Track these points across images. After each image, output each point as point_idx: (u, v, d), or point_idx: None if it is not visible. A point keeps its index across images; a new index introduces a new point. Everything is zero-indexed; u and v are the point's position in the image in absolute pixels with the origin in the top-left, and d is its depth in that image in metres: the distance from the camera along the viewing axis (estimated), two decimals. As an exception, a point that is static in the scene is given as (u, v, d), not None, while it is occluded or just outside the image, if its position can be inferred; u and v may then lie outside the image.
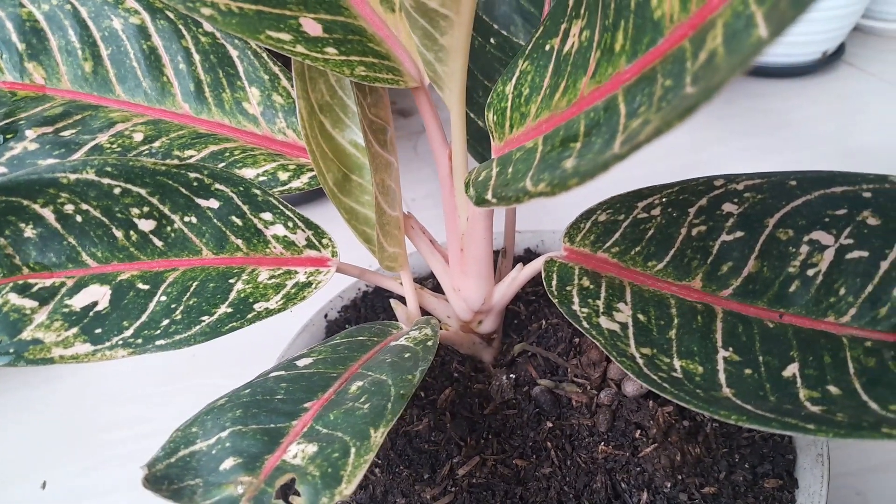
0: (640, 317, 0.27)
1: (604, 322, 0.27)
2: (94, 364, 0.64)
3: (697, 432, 0.37)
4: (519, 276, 0.37)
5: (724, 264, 0.27)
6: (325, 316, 0.47)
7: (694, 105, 0.13)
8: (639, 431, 0.36)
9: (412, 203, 0.80)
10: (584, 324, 0.27)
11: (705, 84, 0.14)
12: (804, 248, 0.25)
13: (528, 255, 0.51)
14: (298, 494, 0.22)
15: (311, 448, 0.24)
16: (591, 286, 0.29)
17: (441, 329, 0.41)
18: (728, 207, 0.27)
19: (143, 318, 0.30)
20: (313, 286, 0.33)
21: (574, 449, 0.36)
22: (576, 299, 0.29)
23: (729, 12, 0.16)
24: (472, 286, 0.38)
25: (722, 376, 0.24)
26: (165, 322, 0.30)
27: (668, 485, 0.35)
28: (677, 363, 0.25)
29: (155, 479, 0.23)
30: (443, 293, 0.41)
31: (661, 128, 0.14)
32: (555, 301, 0.29)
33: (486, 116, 0.29)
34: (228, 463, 0.24)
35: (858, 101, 0.95)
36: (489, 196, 0.24)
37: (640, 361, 0.25)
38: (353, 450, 0.23)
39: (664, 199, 0.29)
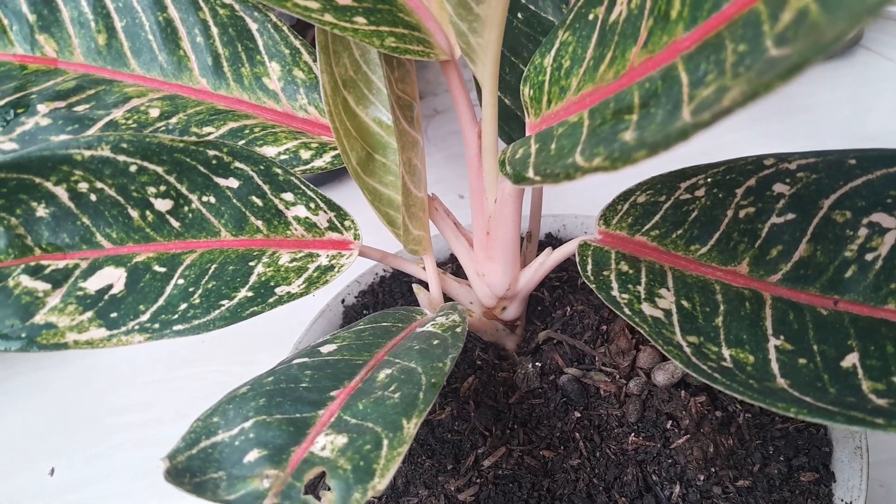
0: (685, 303, 0.26)
1: (646, 309, 0.26)
2: (102, 349, 0.63)
3: (730, 423, 0.36)
4: (547, 260, 0.36)
5: (773, 248, 0.26)
6: (343, 301, 0.46)
7: (801, 63, 0.11)
8: (670, 422, 0.35)
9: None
10: (626, 310, 0.25)
11: (805, 42, 0.12)
12: (863, 231, 0.24)
13: (550, 240, 0.50)
14: (329, 489, 0.21)
15: (341, 440, 0.23)
16: (631, 271, 0.28)
17: (464, 315, 0.40)
18: (779, 188, 0.26)
19: (161, 301, 0.28)
20: (336, 270, 0.32)
21: (603, 440, 0.35)
22: (615, 284, 0.27)
23: (816, -32, 0.15)
24: (497, 271, 0.36)
25: (775, 366, 0.23)
26: (183, 306, 0.29)
27: (701, 477, 0.33)
28: (726, 352, 0.24)
29: (176, 472, 0.22)
30: (465, 278, 0.39)
31: (757, 90, 0.12)
32: (592, 287, 0.28)
33: (522, 91, 0.28)
34: (253, 455, 0.23)
35: (877, 86, 0.93)
36: (530, 173, 0.22)
37: (688, 350, 0.24)
38: (385, 441, 0.22)
39: (709, 180, 0.28)
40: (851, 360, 0.22)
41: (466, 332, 0.31)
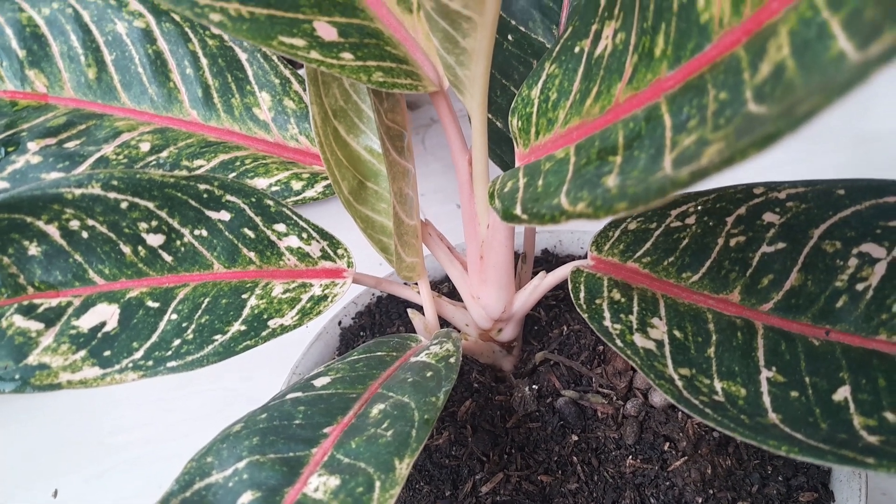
0: (677, 333, 0.26)
1: (638, 340, 0.26)
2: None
3: (728, 443, 0.36)
4: (541, 284, 0.36)
5: (764, 277, 0.26)
6: (339, 323, 0.46)
7: (774, 134, 0.11)
8: (668, 444, 0.35)
9: (422, 198, 0.78)
10: (618, 342, 0.25)
11: (781, 106, 0.12)
12: (853, 261, 0.24)
13: (546, 256, 0.49)
14: (322, 532, 0.21)
15: (334, 481, 0.23)
16: (623, 299, 0.28)
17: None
18: (769, 217, 0.26)
19: (154, 338, 0.29)
20: (329, 299, 0.32)
21: (601, 463, 0.35)
22: (607, 314, 0.27)
23: (794, 18, 0.15)
24: (491, 294, 0.36)
25: (767, 399, 0.23)
26: (177, 342, 0.29)
27: (700, 500, 0.33)
28: (718, 385, 0.24)
29: (170, 517, 0.22)
30: (460, 299, 0.39)
31: (731, 156, 0.12)
32: (585, 317, 0.28)
33: (510, 122, 0.28)
34: (247, 497, 0.23)
35: (874, 87, 0.92)
36: (518, 211, 0.22)
37: (680, 384, 0.24)
38: (377, 483, 0.22)
39: (699, 207, 0.28)
40: (843, 393, 0.22)
41: (461, 361, 0.31)
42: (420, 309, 0.38)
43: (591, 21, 0.24)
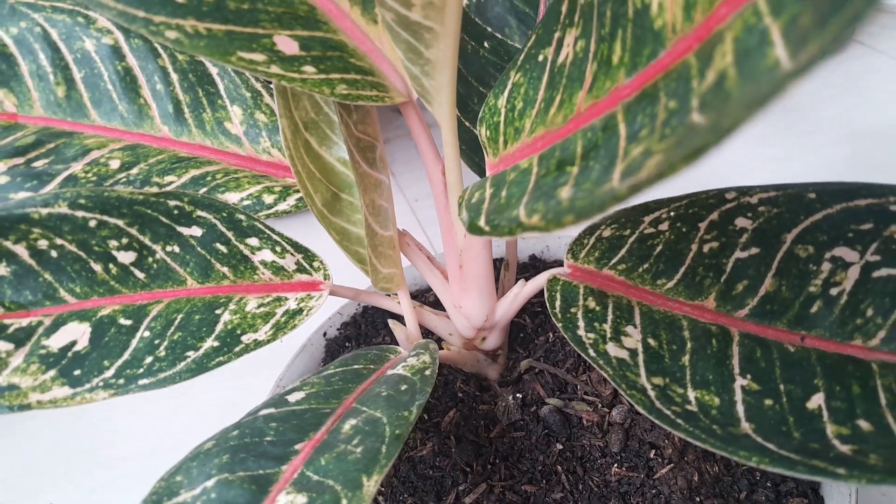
0: (651, 341, 0.25)
1: (611, 349, 0.25)
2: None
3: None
4: (521, 292, 0.35)
5: (738, 283, 0.25)
6: (325, 334, 0.46)
7: (702, 147, 0.11)
8: (653, 451, 0.35)
9: (415, 203, 0.78)
10: (591, 352, 0.25)
11: (715, 116, 0.12)
12: (826, 266, 0.23)
13: (533, 262, 0.49)
14: (287, 554, 0.21)
15: (301, 499, 0.22)
16: (598, 308, 0.27)
17: (443, 348, 0.39)
18: (741, 222, 0.25)
19: (126, 356, 0.28)
20: (304, 313, 0.32)
21: (586, 472, 0.35)
22: (581, 323, 0.27)
23: (739, 24, 0.14)
24: (473, 303, 0.36)
25: (740, 408, 0.22)
26: (149, 360, 0.28)
27: (686, 508, 0.33)
28: (692, 394, 0.23)
29: (134, 540, 0.22)
30: (443, 309, 0.39)
31: (664, 170, 0.12)
32: (559, 326, 0.27)
33: (479, 131, 0.27)
34: (214, 518, 0.22)
35: (869, 80, 0.92)
36: (482, 223, 0.22)
37: (652, 394, 0.23)
38: (343, 501, 0.22)
39: (672, 214, 0.27)
40: (817, 401, 0.22)
41: (436, 373, 0.31)
42: (402, 320, 0.38)
43: (554, 29, 0.24)
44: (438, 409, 0.38)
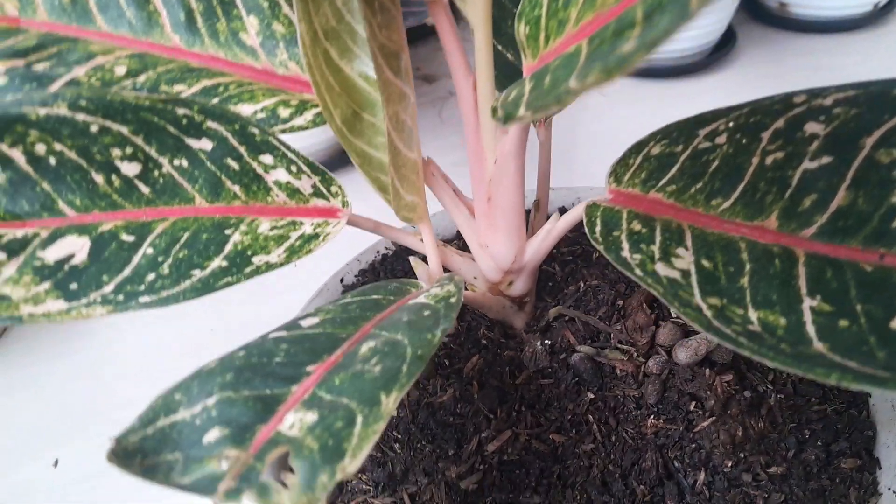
0: (705, 263, 0.23)
1: (661, 269, 0.23)
2: (110, 339, 0.61)
3: (760, 404, 0.32)
4: (555, 228, 0.33)
5: (805, 198, 0.22)
6: (342, 280, 0.44)
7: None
8: (693, 403, 0.32)
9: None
10: (638, 271, 0.22)
11: None
12: (913, 173, 0.20)
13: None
14: (292, 471, 0.19)
15: (311, 416, 0.20)
16: (644, 230, 0.25)
17: (467, 290, 0.37)
18: (811, 128, 0.22)
19: (126, 272, 0.26)
20: (321, 238, 0.29)
21: (619, 423, 0.32)
22: (625, 245, 0.24)
23: None
24: (501, 241, 0.34)
25: (811, 329, 0.20)
26: (151, 277, 0.26)
27: (729, 463, 0.30)
28: (753, 314, 0.20)
29: (125, 454, 0.20)
30: (468, 252, 0.37)
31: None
32: (599, 248, 0.25)
33: (517, 29, 0.25)
34: (213, 434, 0.20)
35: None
36: (521, 111, 0.19)
37: (709, 313, 0.21)
38: (359, 418, 0.19)
39: (731, 124, 0.24)
40: (903, 320, 0.19)
41: (462, 302, 0.28)
42: (424, 259, 0.35)
43: None
44: (460, 356, 0.35)
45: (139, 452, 0.20)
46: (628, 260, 0.23)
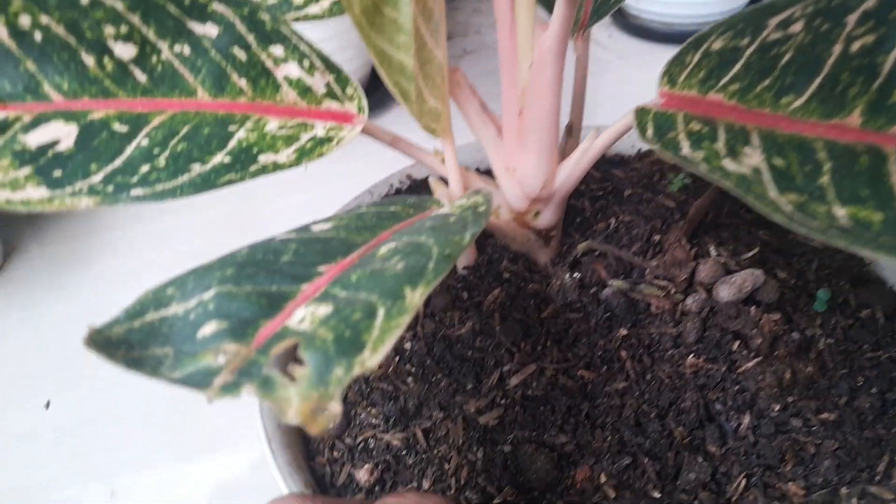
0: (777, 161, 0.20)
1: (729, 164, 0.20)
2: (109, 278, 0.59)
3: (809, 348, 0.30)
4: (592, 147, 0.30)
5: (899, 89, 0.19)
6: (352, 213, 0.41)
7: None
8: (737, 343, 0.29)
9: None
10: (703, 167, 0.20)
11: None
12: None
13: (619, 161, 0.43)
14: (302, 363, 0.16)
15: (325, 309, 0.17)
16: (705, 129, 0.22)
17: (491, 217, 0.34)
18: (912, 6, 0.19)
19: (118, 162, 0.23)
20: (334, 142, 0.26)
21: (654, 362, 0.29)
22: (684, 143, 0.21)
23: None
24: (530, 163, 0.31)
25: (912, 225, 0.17)
26: (145, 168, 0.24)
27: (776, 407, 0.28)
28: (840, 210, 0.18)
29: (107, 343, 0.17)
30: (493, 178, 0.34)
31: None
32: (654, 147, 0.22)
33: None
34: (210, 328, 0.17)
35: None
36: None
37: (788, 208, 0.18)
38: (381, 310, 0.17)
39: (809, 9, 0.21)
40: None
41: (491, 212, 0.25)
42: (445, 183, 0.33)
43: None
44: (481, 288, 0.33)
45: (123, 344, 0.17)
46: (689, 157, 0.20)
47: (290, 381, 0.15)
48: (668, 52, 0.24)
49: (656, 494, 0.26)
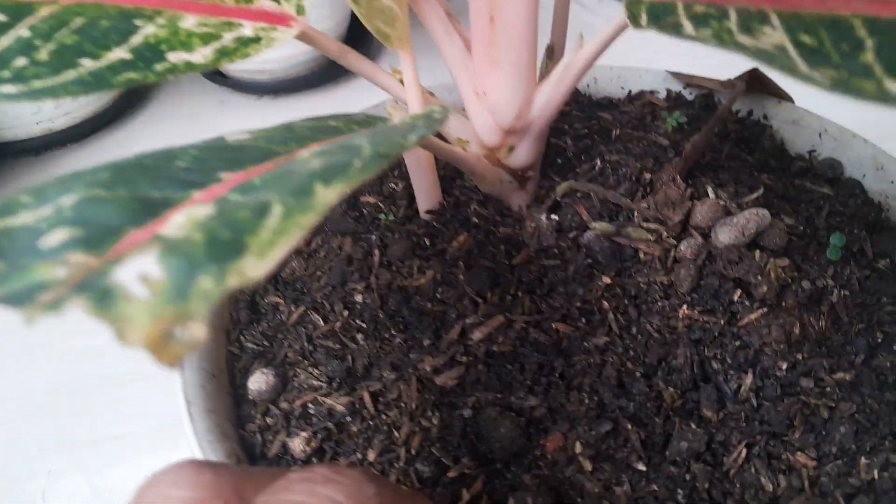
0: (805, 38, 0.16)
1: (744, 39, 0.16)
2: None
3: (820, 300, 0.26)
4: (576, 59, 0.25)
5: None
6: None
7: None
8: (738, 292, 0.25)
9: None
10: (713, 42, 0.15)
11: None
12: None
13: (577, 97, 0.39)
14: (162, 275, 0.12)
15: (205, 210, 0.13)
16: (711, 10, 0.18)
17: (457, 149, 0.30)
18: None
19: (-16, 52, 0.19)
20: (262, 42, 0.22)
21: (642, 314, 0.25)
22: (687, 24, 0.17)
23: None
24: (503, 85, 0.26)
25: None
26: (21, 62, 0.19)
27: (783, 366, 0.24)
28: (893, 84, 0.13)
29: None
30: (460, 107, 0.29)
31: None
32: (654, 29, 0.18)
33: None
34: (57, 236, 0.13)
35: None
36: None
37: (827, 82, 0.14)
38: (276, 208, 0.13)
39: None
40: None
41: (447, 118, 0.21)
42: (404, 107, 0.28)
43: None
44: (444, 235, 0.28)
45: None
46: (695, 36, 0.16)
47: (138, 296, 0.11)
48: None
49: (641, 467, 0.22)
